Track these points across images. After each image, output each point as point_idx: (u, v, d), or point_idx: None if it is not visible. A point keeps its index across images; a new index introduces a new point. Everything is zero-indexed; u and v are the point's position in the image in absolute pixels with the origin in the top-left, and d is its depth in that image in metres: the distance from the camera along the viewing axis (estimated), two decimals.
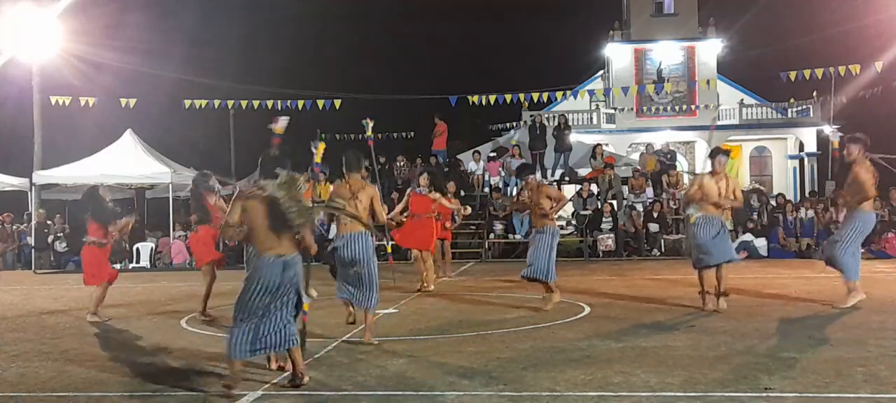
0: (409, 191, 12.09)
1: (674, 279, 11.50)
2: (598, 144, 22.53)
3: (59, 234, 19.39)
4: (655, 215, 18.19)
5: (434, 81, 48.80)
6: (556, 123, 22.44)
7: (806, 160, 35.73)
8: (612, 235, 17.79)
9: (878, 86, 25.43)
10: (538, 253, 8.58)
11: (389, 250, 10.08)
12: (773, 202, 18.94)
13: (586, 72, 39.48)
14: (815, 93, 32.00)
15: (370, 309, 6.77)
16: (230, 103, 23.54)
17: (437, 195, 11.58)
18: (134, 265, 18.52)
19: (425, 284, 10.94)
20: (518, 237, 18.33)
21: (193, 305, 9.19)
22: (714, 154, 8.47)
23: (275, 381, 5.32)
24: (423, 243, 11.20)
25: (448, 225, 13.01)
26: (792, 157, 36.77)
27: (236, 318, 5.07)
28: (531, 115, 27.19)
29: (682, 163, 33.18)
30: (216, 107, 22.80)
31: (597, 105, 37.02)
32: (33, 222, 19.35)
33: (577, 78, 39.27)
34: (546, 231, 8.68)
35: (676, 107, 36.10)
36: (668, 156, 22.18)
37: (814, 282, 11.12)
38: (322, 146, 6.54)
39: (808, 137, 35.58)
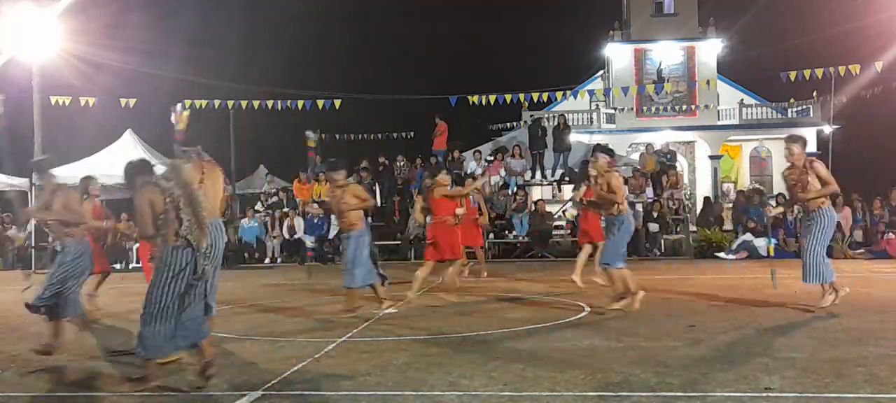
0: (421, 194, 11.84)
1: (674, 279, 11.49)
2: (598, 144, 22.48)
3: None
4: (655, 215, 18.19)
5: (434, 81, 48.86)
6: (555, 123, 22.44)
7: None
8: None
9: (878, 86, 25.42)
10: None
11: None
12: (772, 202, 18.91)
13: (586, 72, 39.54)
14: (815, 93, 32.01)
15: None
16: (230, 103, 23.53)
17: (457, 189, 11.16)
18: (134, 265, 18.53)
19: (447, 293, 10.38)
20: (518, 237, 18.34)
21: None
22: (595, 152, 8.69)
23: (272, 382, 5.32)
24: (455, 251, 10.33)
25: (479, 218, 12.73)
26: None
27: (151, 316, 5.09)
28: (531, 115, 27.21)
29: (682, 163, 33.18)
30: (216, 107, 22.80)
31: (597, 105, 37.03)
32: (33, 223, 19.32)
33: (577, 78, 39.32)
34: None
35: (676, 107, 36.11)
36: (668, 156, 22.19)
37: None
38: (186, 114, 6.46)
39: (808, 137, 35.54)
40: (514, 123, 33.02)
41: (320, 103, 22.84)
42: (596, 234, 10.73)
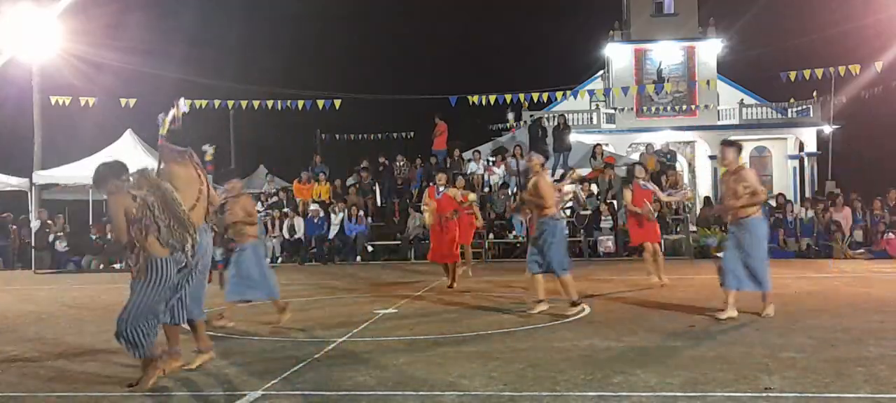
0: (426, 195, 12.03)
1: (674, 279, 11.49)
2: (598, 144, 22.53)
3: (59, 234, 19.39)
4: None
5: (434, 81, 48.87)
6: (555, 123, 22.43)
7: (806, 160, 35.76)
8: (612, 236, 17.79)
9: (878, 86, 25.45)
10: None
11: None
12: (772, 202, 18.93)
13: (586, 72, 39.57)
14: (815, 93, 32.02)
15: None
16: (230, 103, 23.54)
17: (455, 190, 11.50)
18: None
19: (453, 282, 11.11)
20: (519, 236, 18.34)
21: None
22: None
23: (271, 384, 5.32)
24: (452, 256, 11.15)
25: (476, 222, 13.08)
26: (792, 157, 36.79)
27: (132, 320, 5.07)
28: (531, 115, 27.21)
29: (682, 163, 33.19)
30: (216, 107, 22.80)
31: (597, 105, 37.04)
32: (33, 223, 19.35)
33: (577, 78, 39.37)
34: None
35: (676, 107, 36.12)
36: (668, 156, 22.18)
37: (814, 282, 11.12)
38: (179, 113, 6.23)
39: (808, 137, 35.61)
40: (514, 123, 33.02)
41: (320, 103, 22.87)
42: (652, 235, 11.11)
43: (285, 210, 19.95)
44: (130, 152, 20.24)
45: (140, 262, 5.08)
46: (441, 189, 11.16)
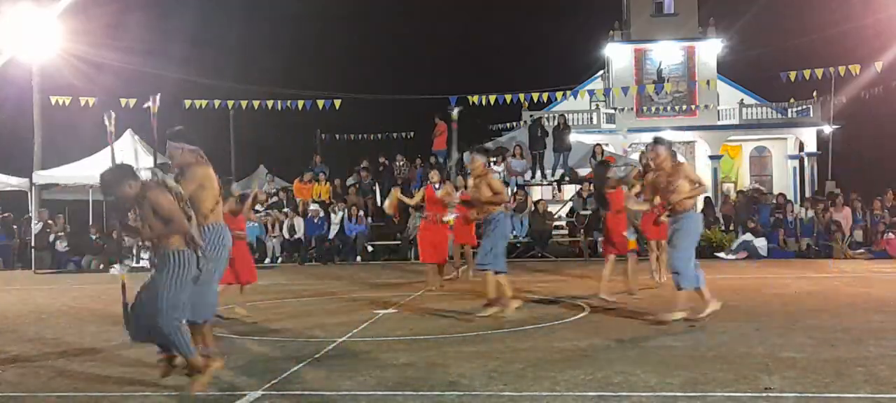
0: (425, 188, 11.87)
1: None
2: (598, 144, 22.51)
3: (59, 234, 19.39)
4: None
5: (434, 81, 48.85)
6: (555, 123, 22.44)
7: (806, 160, 35.76)
8: None
9: (878, 86, 25.45)
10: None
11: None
12: (773, 201, 18.94)
13: (586, 72, 39.56)
14: (815, 93, 32.02)
15: None
16: (230, 103, 23.54)
17: (449, 187, 11.42)
18: (134, 265, 18.51)
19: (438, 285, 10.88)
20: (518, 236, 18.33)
21: None
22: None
23: (273, 382, 5.32)
24: (441, 255, 11.02)
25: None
26: (792, 157, 36.80)
27: (168, 310, 4.96)
28: (531, 115, 27.22)
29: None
30: (216, 107, 22.81)
31: (597, 105, 37.03)
32: (34, 224, 19.35)
33: (577, 78, 39.35)
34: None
35: (676, 107, 36.12)
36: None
37: (814, 282, 11.12)
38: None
39: (808, 137, 35.60)
40: (514, 123, 33.03)
41: (320, 103, 22.87)
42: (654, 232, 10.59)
43: (285, 210, 19.95)
44: (130, 152, 20.28)
45: (164, 254, 5.02)
46: (437, 186, 11.16)
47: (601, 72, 39.11)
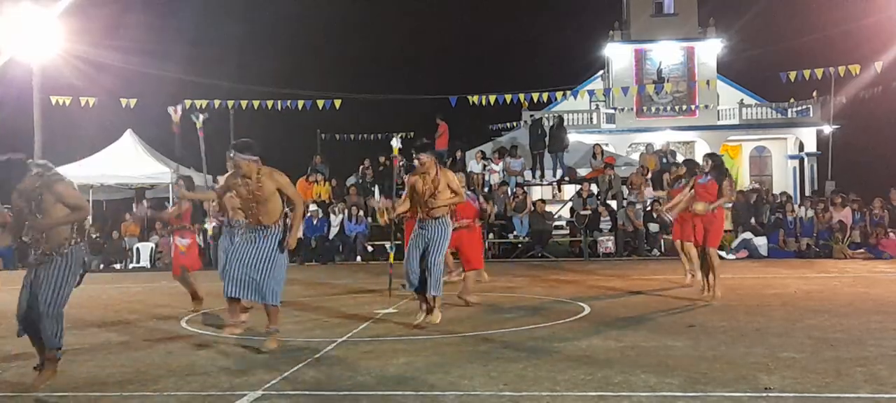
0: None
1: (674, 279, 11.49)
2: (598, 144, 22.52)
3: None
4: (655, 215, 18.18)
5: (434, 81, 48.86)
6: (551, 123, 22.45)
7: (806, 160, 35.76)
8: (612, 236, 17.79)
9: (878, 86, 25.45)
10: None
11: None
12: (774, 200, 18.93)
13: (586, 73, 39.56)
14: (815, 93, 32.03)
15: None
16: (230, 103, 23.55)
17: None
18: (134, 265, 18.53)
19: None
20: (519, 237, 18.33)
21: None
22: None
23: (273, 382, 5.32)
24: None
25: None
26: (792, 157, 36.80)
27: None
28: (531, 115, 27.20)
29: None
30: (216, 107, 22.81)
31: (597, 105, 37.03)
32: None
33: (577, 78, 39.36)
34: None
35: (676, 107, 36.12)
36: (669, 155, 22.16)
37: (814, 282, 11.12)
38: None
39: (808, 137, 35.61)
40: (514, 123, 33.04)
41: (320, 103, 22.88)
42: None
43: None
44: (130, 152, 20.31)
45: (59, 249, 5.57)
46: None
47: (601, 72, 39.10)
